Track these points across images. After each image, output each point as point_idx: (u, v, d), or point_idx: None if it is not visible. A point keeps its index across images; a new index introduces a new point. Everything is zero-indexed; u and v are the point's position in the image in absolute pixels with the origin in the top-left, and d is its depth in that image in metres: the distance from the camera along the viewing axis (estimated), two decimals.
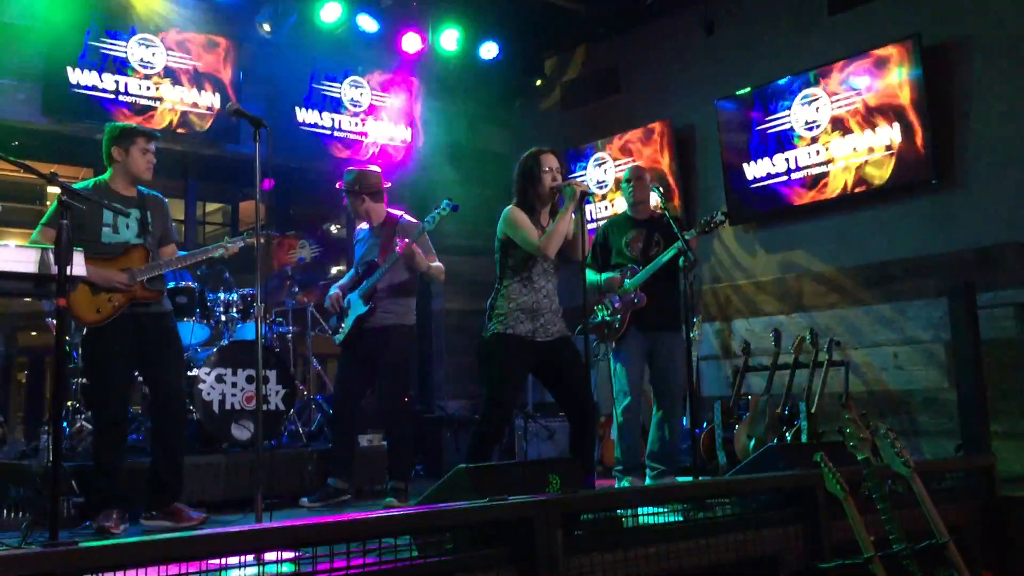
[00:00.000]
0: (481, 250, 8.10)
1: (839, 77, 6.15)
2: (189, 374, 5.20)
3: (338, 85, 7.69)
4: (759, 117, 6.60)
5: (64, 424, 4.94)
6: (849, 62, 6.08)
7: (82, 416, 5.09)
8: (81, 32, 6.38)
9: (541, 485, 2.92)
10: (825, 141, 6.22)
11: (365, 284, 4.92)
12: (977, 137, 5.61)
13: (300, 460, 5.33)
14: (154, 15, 6.73)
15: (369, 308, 4.88)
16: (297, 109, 7.42)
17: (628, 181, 5.17)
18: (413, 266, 4.83)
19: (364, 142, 7.81)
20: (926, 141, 5.70)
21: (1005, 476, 4.55)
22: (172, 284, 5.31)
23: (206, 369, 5.24)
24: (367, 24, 7.26)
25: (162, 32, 6.75)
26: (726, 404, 5.81)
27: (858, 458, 3.24)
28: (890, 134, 5.88)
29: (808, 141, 6.31)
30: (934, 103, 5.71)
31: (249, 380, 5.32)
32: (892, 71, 5.85)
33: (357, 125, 7.77)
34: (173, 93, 6.78)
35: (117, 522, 3.99)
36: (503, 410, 4.07)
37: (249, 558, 2.30)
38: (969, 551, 3.56)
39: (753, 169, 6.61)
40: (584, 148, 7.91)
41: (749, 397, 5.83)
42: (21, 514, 4.27)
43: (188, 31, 6.89)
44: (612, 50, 8.02)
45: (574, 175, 7.79)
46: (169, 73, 6.77)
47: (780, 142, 6.48)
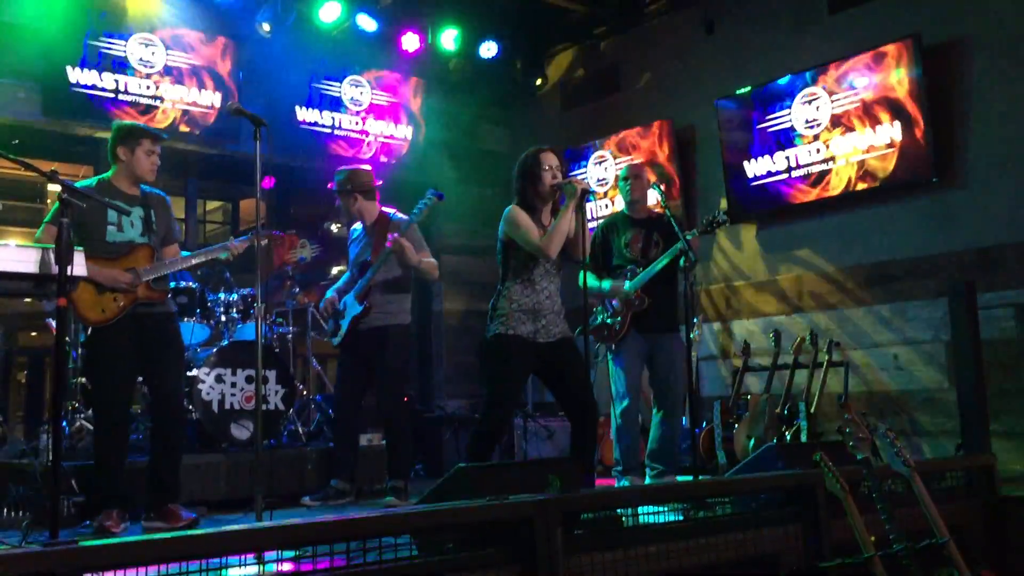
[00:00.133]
0: (481, 250, 8.12)
1: (839, 76, 6.14)
2: (189, 374, 5.20)
3: (338, 84, 7.69)
4: (759, 116, 6.59)
5: (64, 424, 4.93)
6: (849, 61, 6.08)
7: (82, 416, 5.08)
8: (81, 31, 6.38)
9: (541, 485, 2.91)
10: (825, 140, 6.22)
11: (359, 284, 4.92)
12: (977, 137, 5.61)
13: (299, 460, 5.33)
14: (154, 14, 6.73)
15: (364, 307, 4.88)
16: (297, 108, 7.42)
17: (625, 179, 5.16)
18: (404, 261, 4.83)
19: (364, 141, 7.81)
20: (926, 140, 5.70)
21: (1005, 476, 4.55)
22: (172, 284, 5.30)
23: (206, 369, 5.24)
24: (367, 23, 7.26)
25: (162, 31, 6.75)
26: (726, 404, 5.82)
27: (858, 458, 3.24)
28: (890, 133, 5.87)
29: (808, 140, 6.31)
30: (934, 102, 5.70)
31: (249, 380, 5.32)
32: (892, 70, 5.85)
33: (357, 124, 7.77)
34: (173, 92, 6.78)
35: (117, 521, 3.98)
36: (503, 410, 4.06)
37: (249, 557, 2.31)
38: (969, 551, 3.55)
39: (753, 168, 6.61)
40: (584, 147, 7.90)
41: (749, 397, 5.83)
42: (21, 514, 4.27)
43: (188, 30, 6.89)
44: (612, 50, 8.02)
45: (574, 174, 7.78)
46: (169, 72, 6.76)
47: (780, 141, 6.47)
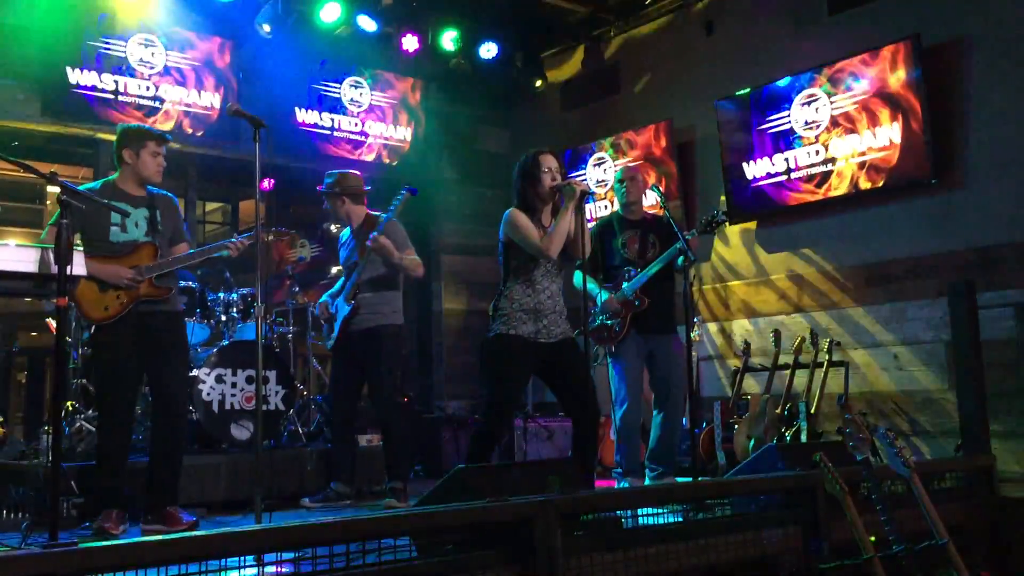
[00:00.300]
0: (481, 250, 8.13)
1: (839, 77, 6.14)
2: (189, 374, 5.19)
3: (338, 85, 7.69)
4: (759, 117, 6.59)
5: (64, 424, 4.93)
6: (849, 62, 6.08)
7: (82, 416, 5.08)
8: (81, 32, 6.38)
9: (541, 485, 2.91)
10: (825, 141, 6.22)
11: (348, 285, 4.94)
12: (977, 137, 5.61)
13: (300, 460, 5.33)
14: (154, 15, 6.73)
15: (353, 307, 4.88)
16: (297, 109, 7.43)
17: (621, 182, 5.15)
18: (386, 259, 4.82)
19: (364, 142, 7.81)
20: (926, 141, 5.69)
21: (1005, 476, 4.55)
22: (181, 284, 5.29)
23: (206, 369, 5.24)
24: (367, 24, 7.26)
25: (162, 32, 6.75)
26: (726, 404, 5.81)
27: (858, 459, 3.25)
28: (890, 134, 5.87)
29: (808, 141, 6.31)
30: (934, 103, 5.70)
31: (249, 380, 5.32)
32: (892, 71, 5.84)
33: (357, 125, 7.77)
34: (173, 93, 6.79)
35: (116, 523, 3.98)
36: (504, 411, 4.06)
37: (249, 559, 2.30)
38: (969, 551, 3.56)
39: (753, 169, 6.61)
40: (584, 148, 7.90)
41: (749, 397, 5.82)
42: (21, 514, 4.27)
43: (188, 31, 6.89)
44: (612, 50, 8.02)
45: (574, 175, 7.78)
46: (169, 73, 6.77)
47: (780, 142, 6.47)
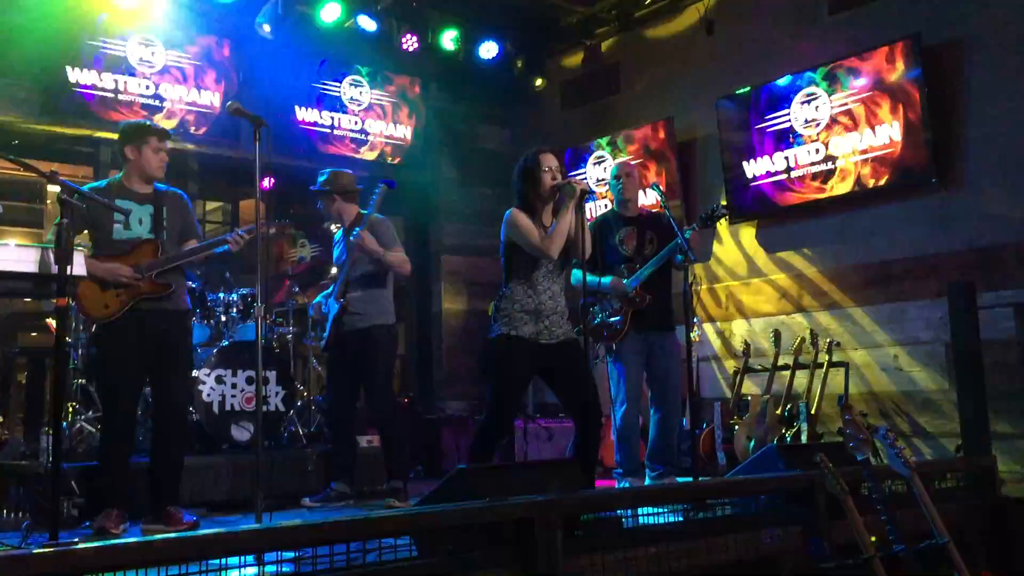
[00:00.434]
0: (481, 250, 8.12)
1: (839, 76, 6.14)
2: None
3: (337, 84, 7.70)
4: (759, 117, 6.59)
5: (64, 424, 4.93)
6: (849, 61, 6.08)
7: (82, 417, 5.08)
8: (81, 31, 6.38)
9: (541, 486, 2.91)
10: (825, 140, 6.22)
11: (336, 284, 4.95)
12: (977, 137, 5.60)
13: (300, 461, 5.32)
14: (154, 15, 6.72)
15: (341, 305, 4.86)
16: (297, 108, 7.43)
17: (616, 178, 5.08)
18: (369, 254, 4.81)
19: (366, 140, 7.81)
20: (926, 140, 5.69)
21: (1005, 476, 4.55)
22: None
23: (206, 370, 5.23)
24: (366, 24, 7.26)
25: (162, 31, 6.75)
26: (726, 405, 5.81)
27: (858, 459, 3.24)
28: (890, 133, 5.87)
29: (808, 140, 6.31)
30: (934, 103, 5.70)
31: (249, 381, 5.32)
32: (892, 71, 5.84)
33: (357, 124, 7.77)
34: (173, 92, 6.79)
35: (117, 522, 3.97)
36: (505, 411, 4.05)
37: (249, 559, 2.30)
38: (969, 551, 3.56)
39: (753, 168, 6.61)
40: (583, 147, 7.90)
41: (749, 398, 5.82)
42: (21, 514, 4.26)
43: (188, 30, 6.89)
44: (612, 50, 8.02)
45: (573, 174, 7.77)
46: (168, 71, 6.76)
47: (780, 141, 6.47)
